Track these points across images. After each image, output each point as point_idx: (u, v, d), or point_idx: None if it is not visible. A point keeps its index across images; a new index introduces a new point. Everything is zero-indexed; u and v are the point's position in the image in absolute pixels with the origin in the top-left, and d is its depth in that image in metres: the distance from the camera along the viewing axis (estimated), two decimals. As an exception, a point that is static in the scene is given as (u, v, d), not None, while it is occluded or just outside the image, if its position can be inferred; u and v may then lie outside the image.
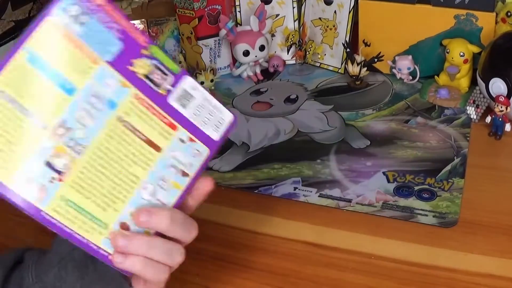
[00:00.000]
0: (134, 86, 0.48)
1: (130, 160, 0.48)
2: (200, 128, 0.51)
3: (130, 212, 0.48)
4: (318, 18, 1.12)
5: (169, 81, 0.50)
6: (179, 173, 0.50)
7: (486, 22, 0.94)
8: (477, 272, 0.63)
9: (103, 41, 0.46)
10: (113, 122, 0.47)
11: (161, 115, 0.49)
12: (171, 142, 0.50)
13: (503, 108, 0.84)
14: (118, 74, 0.47)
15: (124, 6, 1.20)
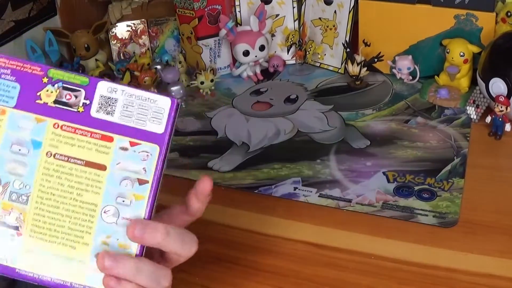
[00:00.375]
0: (50, 117, 0.46)
1: (78, 190, 0.46)
2: (138, 128, 0.47)
3: (102, 240, 0.46)
4: (318, 18, 1.12)
5: (82, 95, 0.47)
6: (136, 183, 0.47)
7: (486, 22, 0.94)
8: (477, 272, 0.63)
9: (1, 91, 0.46)
10: (44, 160, 0.46)
11: (90, 132, 0.47)
12: (112, 155, 0.47)
13: (503, 108, 0.84)
14: (28, 113, 0.46)
15: (124, 6, 1.20)
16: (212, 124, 0.98)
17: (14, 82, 0.47)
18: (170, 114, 0.47)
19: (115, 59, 1.19)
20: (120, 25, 1.19)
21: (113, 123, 0.47)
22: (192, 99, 1.06)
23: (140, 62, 1.11)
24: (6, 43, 1.05)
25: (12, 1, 1.05)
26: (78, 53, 1.13)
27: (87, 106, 0.47)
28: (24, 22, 1.09)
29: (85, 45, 1.13)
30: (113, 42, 1.19)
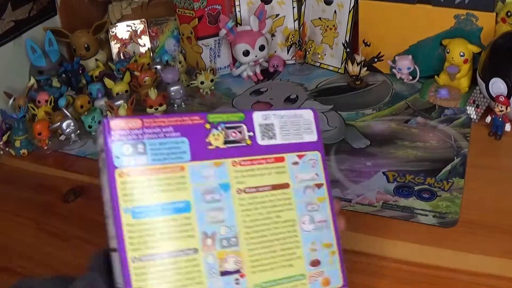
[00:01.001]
0: (226, 158, 0.49)
1: (276, 213, 0.50)
2: (298, 142, 0.53)
3: (309, 248, 0.50)
4: (318, 18, 1.12)
5: (245, 129, 0.51)
6: (316, 188, 0.52)
7: (486, 22, 0.94)
8: (477, 272, 0.63)
9: (172, 149, 0.47)
10: (237, 198, 0.48)
11: (265, 159, 0.51)
12: (289, 171, 0.51)
13: (503, 108, 0.84)
14: (206, 161, 0.48)
15: (124, 6, 1.20)
16: (212, 124, 0.98)
17: (181, 137, 0.48)
18: (316, 122, 0.54)
19: (115, 59, 1.19)
20: (120, 25, 1.19)
21: (279, 144, 0.52)
22: (192, 99, 1.06)
23: (140, 62, 1.11)
24: (6, 43, 1.05)
25: (12, 1, 1.05)
26: (78, 53, 1.13)
27: (253, 137, 0.51)
28: (24, 22, 1.09)
29: (85, 45, 1.13)
30: (113, 42, 1.19)
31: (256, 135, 0.51)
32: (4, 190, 0.86)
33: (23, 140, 0.93)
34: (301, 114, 0.54)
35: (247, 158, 0.50)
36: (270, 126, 0.52)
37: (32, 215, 0.79)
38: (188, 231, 0.46)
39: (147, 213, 0.44)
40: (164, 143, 0.47)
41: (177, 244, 0.45)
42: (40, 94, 1.01)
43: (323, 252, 0.51)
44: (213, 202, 0.47)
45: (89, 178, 0.86)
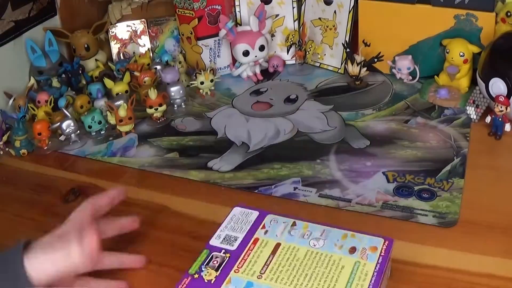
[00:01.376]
0: (228, 274, 0.58)
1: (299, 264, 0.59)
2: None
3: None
4: (318, 18, 1.12)
5: (217, 254, 0.61)
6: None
7: (486, 22, 0.94)
8: (477, 272, 0.63)
9: None
10: (265, 282, 0.57)
11: (249, 249, 0.61)
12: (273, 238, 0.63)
13: (503, 108, 0.84)
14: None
15: (124, 6, 1.20)
16: (212, 124, 0.98)
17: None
18: (245, 207, 0.67)
19: (115, 59, 1.19)
20: (120, 25, 1.19)
21: (244, 237, 0.62)
22: (192, 99, 1.06)
23: (140, 62, 1.11)
24: (6, 43, 1.05)
25: (12, 1, 1.05)
26: (78, 53, 1.13)
27: (228, 251, 0.61)
28: (24, 22, 1.09)
29: (85, 45, 1.13)
30: (113, 42, 1.19)
31: (226, 248, 0.61)
32: (4, 190, 0.86)
33: (23, 140, 0.93)
34: (234, 215, 0.66)
35: (239, 260, 0.59)
36: (227, 237, 0.62)
37: (32, 215, 0.79)
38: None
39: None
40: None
41: None
42: (40, 94, 1.01)
43: (347, 240, 0.60)
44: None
45: (89, 178, 0.86)
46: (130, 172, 0.87)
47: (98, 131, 0.98)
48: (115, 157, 0.91)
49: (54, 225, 0.76)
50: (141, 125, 0.99)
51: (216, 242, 0.62)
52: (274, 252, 0.59)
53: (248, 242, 0.61)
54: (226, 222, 0.64)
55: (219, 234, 0.63)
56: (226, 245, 0.61)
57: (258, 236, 0.62)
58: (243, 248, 0.60)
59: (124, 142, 0.95)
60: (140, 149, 0.93)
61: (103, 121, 0.97)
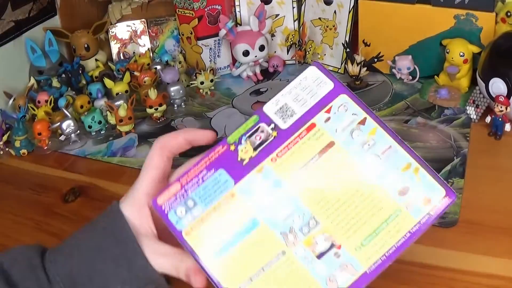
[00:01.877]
0: (263, 161, 0.50)
1: (333, 174, 0.49)
2: (318, 101, 0.51)
3: (388, 182, 0.48)
4: (318, 18, 1.12)
5: (265, 126, 0.51)
6: (361, 125, 0.50)
7: (486, 22, 0.94)
8: (477, 272, 0.63)
9: (215, 186, 0.50)
10: (291, 186, 0.49)
11: (296, 137, 0.50)
12: (325, 130, 0.50)
13: (503, 108, 0.84)
14: (247, 177, 0.50)
15: (124, 6, 1.20)
16: (212, 124, 0.98)
17: (217, 171, 0.51)
18: (324, 72, 0.52)
19: (115, 59, 1.19)
20: (120, 25, 1.19)
21: (302, 116, 0.51)
22: (192, 99, 1.06)
23: (140, 62, 1.11)
24: (6, 43, 1.05)
25: (12, 1, 1.05)
26: (78, 53, 1.13)
27: (275, 127, 0.51)
28: (24, 22, 1.09)
29: (85, 45, 1.13)
30: (113, 42, 1.19)
31: (277, 123, 0.51)
32: (4, 190, 0.86)
33: (23, 140, 0.93)
34: (305, 77, 0.52)
35: (281, 147, 0.50)
36: (285, 107, 0.51)
37: (32, 215, 0.79)
38: (268, 241, 0.48)
39: (225, 249, 0.48)
40: (207, 186, 0.50)
41: (265, 257, 0.47)
42: (40, 94, 1.01)
43: (405, 176, 0.48)
44: (273, 204, 0.48)
45: (89, 178, 0.86)
46: (130, 172, 0.87)
47: (98, 131, 0.98)
48: (115, 157, 0.91)
49: (54, 225, 0.77)
50: (141, 125, 0.99)
51: (271, 109, 0.52)
52: (322, 152, 0.49)
53: (302, 125, 0.51)
54: (292, 85, 0.52)
55: (278, 99, 0.52)
56: (279, 119, 0.51)
57: (316, 121, 0.51)
58: (294, 130, 0.50)
59: (124, 142, 0.95)
60: (140, 149, 0.93)
61: (103, 121, 0.97)
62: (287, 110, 0.51)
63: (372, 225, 0.47)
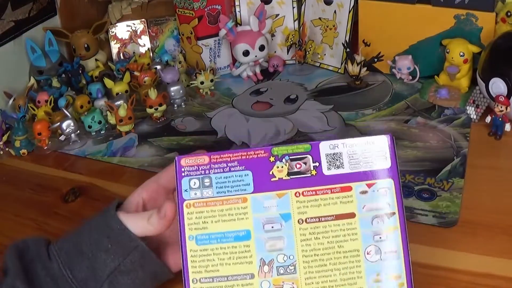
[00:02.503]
0: (289, 189, 0.50)
1: (338, 243, 0.49)
2: (368, 170, 0.51)
3: (373, 279, 0.49)
4: (318, 18, 1.12)
5: (310, 160, 0.51)
6: (387, 217, 0.50)
7: (486, 22, 0.94)
8: (477, 272, 0.63)
9: (236, 182, 0.51)
10: (298, 228, 0.50)
11: (329, 189, 0.50)
12: (356, 201, 0.50)
13: (503, 108, 0.84)
14: (268, 193, 0.51)
15: (124, 6, 1.20)
16: (212, 124, 0.98)
17: (245, 170, 0.51)
18: (391, 148, 0.52)
19: (115, 59, 1.19)
20: (120, 25, 1.19)
21: (346, 174, 0.51)
22: (192, 99, 1.06)
23: (140, 62, 1.11)
24: (6, 43, 1.05)
25: (12, 1, 1.05)
26: (78, 53, 1.13)
27: (318, 167, 0.51)
28: (24, 22, 1.09)
29: (85, 45, 1.13)
30: (113, 42, 1.19)
31: (322, 165, 0.51)
32: (4, 190, 0.86)
33: (23, 140, 0.93)
34: (373, 141, 0.52)
35: (311, 188, 0.51)
36: (338, 155, 0.52)
37: (32, 215, 0.79)
38: (246, 257, 0.49)
39: (209, 240, 0.50)
40: (229, 177, 0.51)
41: (235, 269, 0.49)
42: (40, 94, 1.01)
43: (390, 283, 0.49)
44: (272, 231, 0.50)
45: (89, 178, 0.86)
46: (130, 172, 0.87)
47: (98, 131, 0.98)
48: (115, 157, 0.91)
49: (54, 225, 0.77)
50: (141, 125, 0.99)
51: (325, 149, 0.52)
52: (339, 217, 0.51)
53: (341, 182, 0.51)
54: (358, 141, 0.53)
55: (337, 145, 0.52)
56: (326, 162, 0.51)
57: (354, 187, 0.51)
58: (331, 182, 0.51)
59: (124, 142, 0.95)
60: (140, 149, 0.93)
61: (103, 121, 0.97)
62: (338, 160, 0.52)
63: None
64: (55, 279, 0.55)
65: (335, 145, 0.52)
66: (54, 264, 0.55)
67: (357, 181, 0.51)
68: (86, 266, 0.55)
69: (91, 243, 0.56)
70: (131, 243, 0.55)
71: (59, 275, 0.55)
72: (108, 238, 0.55)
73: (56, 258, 0.56)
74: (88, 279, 0.55)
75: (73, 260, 0.55)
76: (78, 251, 0.56)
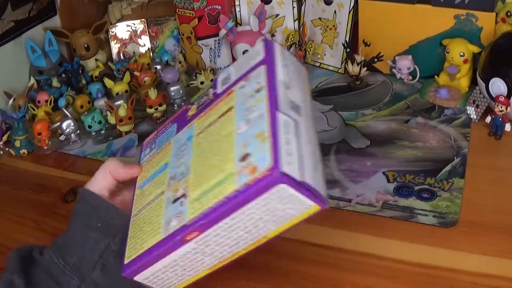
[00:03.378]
0: (195, 119, 0.58)
1: (218, 134, 0.52)
2: (247, 70, 0.55)
3: (241, 146, 0.48)
4: (318, 18, 1.12)
5: (211, 91, 0.59)
6: (255, 93, 0.52)
7: (486, 22, 0.94)
8: (477, 272, 0.63)
9: (167, 135, 0.63)
10: (195, 142, 0.56)
11: (219, 101, 0.56)
12: (236, 96, 0.54)
13: (503, 108, 0.84)
14: (184, 129, 0.60)
15: (124, 6, 1.20)
16: (212, 124, 0.98)
17: (173, 124, 0.63)
18: (267, 46, 0.56)
19: (115, 59, 1.19)
20: (120, 25, 1.19)
21: (232, 83, 0.56)
22: (192, 99, 1.06)
23: (140, 62, 1.11)
24: (6, 43, 1.05)
25: (12, 1, 1.05)
26: (78, 53, 1.13)
27: (215, 91, 0.58)
28: (24, 22, 1.09)
29: (85, 45, 1.13)
30: (113, 42, 1.19)
31: (217, 87, 0.58)
32: (4, 190, 0.86)
33: (23, 140, 0.93)
34: (253, 49, 0.57)
35: (208, 108, 0.57)
36: (228, 75, 0.58)
37: (32, 215, 0.79)
38: (162, 182, 0.56)
39: (146, 182, 0.59)
40: (165, 135, 0.63)
41: (154, 194, 0.56)
42: (40, 94, 1.01)
43: (254, 143, 0.47)
44: (181, 153, 0.56)
45: (89, 178, 0.86)
46: (130, 172, 0.87)
47: (98, 131, 0.98)
48: (115, 157, 0.91)
49: (54, 225, 0.77)
50: (141, 125, 0.99)
51: (220, 77, 0.59)
52: (222, 116, 0.54)
53: (227, 91, 0.56)
54: (241, 57, 0.59)
55: (228, 70, 0.59)
56: (221, 85, 0.58)
57: (235, 88, 0.55)
58: (222, 95, 0.56)
59: (124, 142, 0.95)
60: (140, 149, 0.92)
61: (103, 121, 0.97)
62: (228, 77, 0.57)
63: (210, 183, 0.49)
64: (48, 270, 0.56)
65: (227, 71, 0.58)
66: (46, 256, 0.57)
67: (238, 83, 0.55)
68: (77, 250, 0.56)
69: (81, 227, 0.58)
70: (119, 220, 0.58)
71: (51, 264, 0.56)
72: (98, 217, 0.58)
73: (48, 252, 0.57)
74: (81, 262, 0.56)
75: (64, 249, 0.57)
76: (70, 239, 0.58)
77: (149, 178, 0.59)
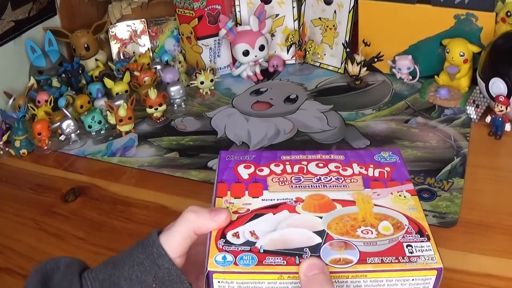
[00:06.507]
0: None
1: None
2: None
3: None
4: (318, 18, 1.12)
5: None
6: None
7: (486, 22, 0.94)
8: (477, 272, 0.63)
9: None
10: None
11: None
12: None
13: (503, 108, 0.84)
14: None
15: (124, 6, 1.20)
16: (212, 124, 0.98)
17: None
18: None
19: (115, 59, 1.19)
20: (120, 25, 1.19)
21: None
22: (192, 99, 1.06)
23: (140, 62, 1.11)
24: (6, 43, 1.05)
25: (12, 1, 1.05)
26: (78, 53, 1.13)
27: None
28: (24, 22, 1.09)
29: (85, 45, 1.13)
30: (113, 42, 1.19)
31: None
32: (4, 190, 0.86)
33: (23, 140, 0.93)
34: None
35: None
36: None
37: (32, 215, 0.79)
38: None
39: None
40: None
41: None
42: (40, 94, 1.01)
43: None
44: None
45: (89, 178, 0.86)
46: (130, 172, 0.87)
47: (98, 131, 0.98)
48: (115, 157, 0.91)
49: (54, 225, 0.77)
50: (141, 125, 0.99)
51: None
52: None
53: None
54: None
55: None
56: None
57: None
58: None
59: (124, 142, 0.95)
60: (140, 149, 0.93)
61: (103, 121, 0.97)
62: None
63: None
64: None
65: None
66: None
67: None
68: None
69: (131, 279, 0.49)
70: (179, 286, 0.49)
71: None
72: (154, 277, 0.49)
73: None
74: None
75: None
76: (114, 283, 0.49)
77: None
